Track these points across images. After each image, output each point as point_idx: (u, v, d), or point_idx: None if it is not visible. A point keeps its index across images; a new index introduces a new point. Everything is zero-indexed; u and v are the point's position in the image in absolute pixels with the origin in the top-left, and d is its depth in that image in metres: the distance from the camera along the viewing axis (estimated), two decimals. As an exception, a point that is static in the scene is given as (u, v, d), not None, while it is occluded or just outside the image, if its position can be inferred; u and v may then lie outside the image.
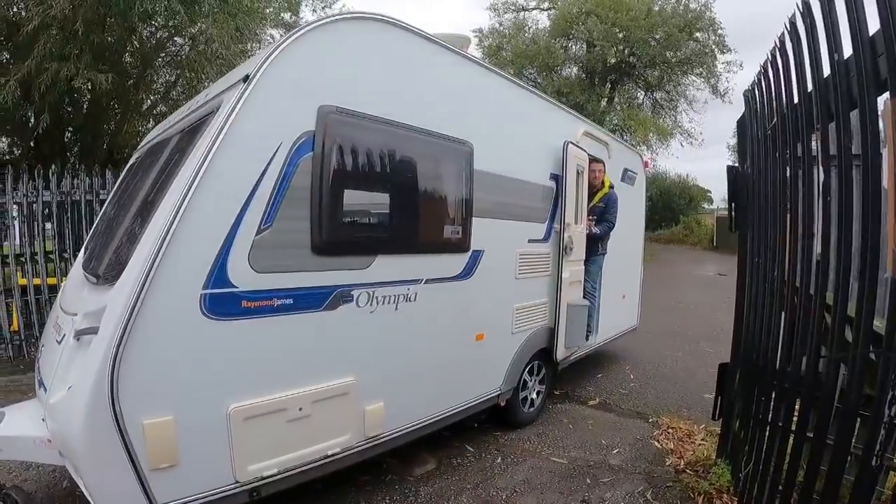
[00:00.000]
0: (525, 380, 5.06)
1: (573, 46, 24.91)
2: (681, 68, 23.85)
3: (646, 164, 7.68)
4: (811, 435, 2.48)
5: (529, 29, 25.37)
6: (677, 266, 19.91)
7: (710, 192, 35.04)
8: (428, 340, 3.86)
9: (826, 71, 2.48)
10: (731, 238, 18.96)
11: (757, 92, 3.66)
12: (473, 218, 4.07)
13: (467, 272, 4.10)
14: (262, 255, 2.74)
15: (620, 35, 22.53)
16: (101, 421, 2.29)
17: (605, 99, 24.94)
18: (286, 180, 2.82)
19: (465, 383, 4.28)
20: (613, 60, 23.94)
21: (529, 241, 4.80)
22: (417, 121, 3.58)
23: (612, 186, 6.00)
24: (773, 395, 3.03)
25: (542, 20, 25.39)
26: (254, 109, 2.69)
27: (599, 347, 6.82)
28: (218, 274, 2.60)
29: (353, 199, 3.27)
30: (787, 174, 3.05)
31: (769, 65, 3.29)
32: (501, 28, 25.41)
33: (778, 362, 3.02)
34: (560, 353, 5.21)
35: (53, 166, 7.38)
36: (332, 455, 3.17)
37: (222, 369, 2.66)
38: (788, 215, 2.98)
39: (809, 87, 2.66)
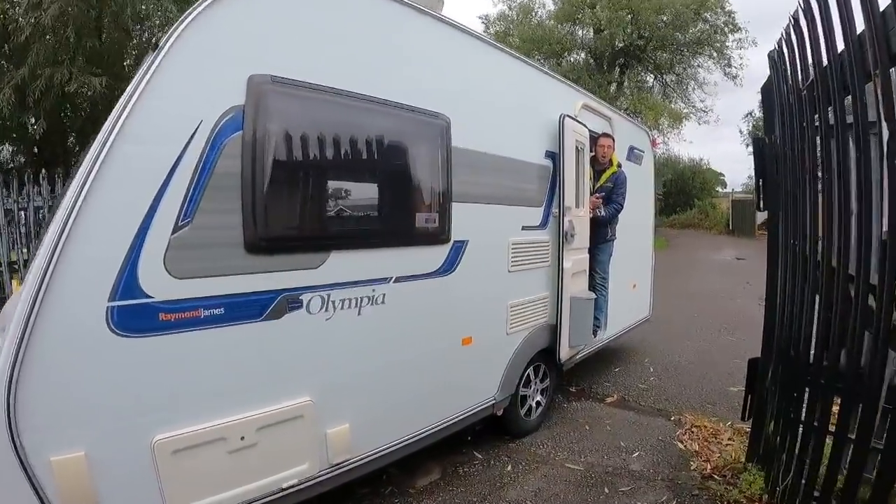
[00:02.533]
0: (525, 384, 4.41)
1: (580, 31, 24.01)
2: (690, 49, 22.92)
3: (654, 143, 6.94)
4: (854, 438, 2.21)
5: (536, 13, 24.48)
6: (694, 251, 19.16)
7: (723, 175, 34.13)
8: (401, 349, 3.24)
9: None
10: (748, 222, 18.48)
11: (786, 49, 3.06)
12: (453, 203, 3.44)
13: (448, 267, 3.46)
14: (182, 256, 2.25)
15: (628, 17, 21.61)
16: (1, 458, 1.92)
17: (615, 84, 24.02)
18: (208, 165, 2.32)
19: (450, 395, 3.66)
20: (622, 44, 23.04)
21: (524, 228, 4.14)
22: (377, 91, 2.97)
23: (620, 165, 5.31)
24: (813, 393, 2.71)
25: (548, 4, 24.48)
26: (166, 83, 2.21)
27: (612, 342, 6.16)
28: (127, 282, 2.13)
29: (298, 185, 2.72)
30: (829, 139, 2.39)
31: (802, 13, 2.69)
32: (509, 13, 24.52)
33: (823, 357, 2.61)
34: (564, 353, 4.53)
35: (46, 171, 7.11)
36: (289, 488, 2.68)
37: (142, 394, 2.21)
38: (833, 189, 2.35)
39: (860, 26, 2.10)
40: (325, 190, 2.84)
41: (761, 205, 3.38)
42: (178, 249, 2.24)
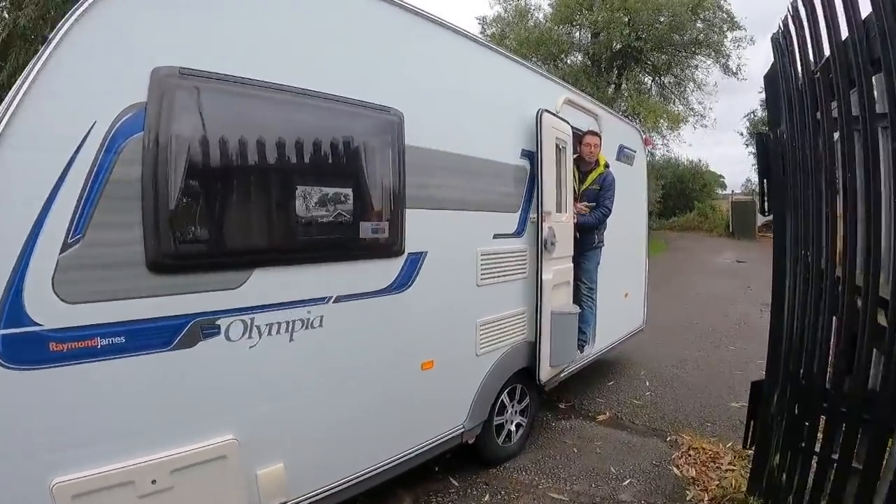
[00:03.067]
0: (501, 409, 3.92)
1: (577, 33, 23.52)
2: (688, 50, 22.32)
3: (647, 142, 6.43)
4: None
5: (532, 15, 23.97)
6: (693, 254, 18.63)
7: (723, 177, 33.66)
8: (345, 378, 2.78)
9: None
10: (749, 224, 17.93)
11: (794, 27, 2.62)
12: (408, 210, 2.97)
13: (403, 282, 2.99)
14: (73, 278, 1.95)
15: (625, 19, 21.10)
16: None
17: (613, 85, 23.50)
18: (102, 172, 1.99)
19: (409, 426, 3.19)
20: (619, 46, 22.53)
21: (496, 236, 3.66)
22: (311, 82, 2.53)
23: (607, 166, 4.81)
24: (831, 423, 2.43)
25: (544, 7, 23.97)
26: (54, 80, 1.91)
27: (604, 355, 5.65)
28: (11, 308, 1.84)
29: (212, 193, 2.30)
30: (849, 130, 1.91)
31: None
32: (505, 15, 24.00)
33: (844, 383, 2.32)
34: (545, 373, 4.04)
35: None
36: (215, 535, 2.28)
37: (35, 433, 1.94)
38: (858, 191, 1.88)
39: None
40: (246, 198, 2.41)
41: (765, 208, 2.88)
42: (68, 270, 1.92)
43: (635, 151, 5.94)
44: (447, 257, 3.25)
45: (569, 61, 23.54)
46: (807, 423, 2.63)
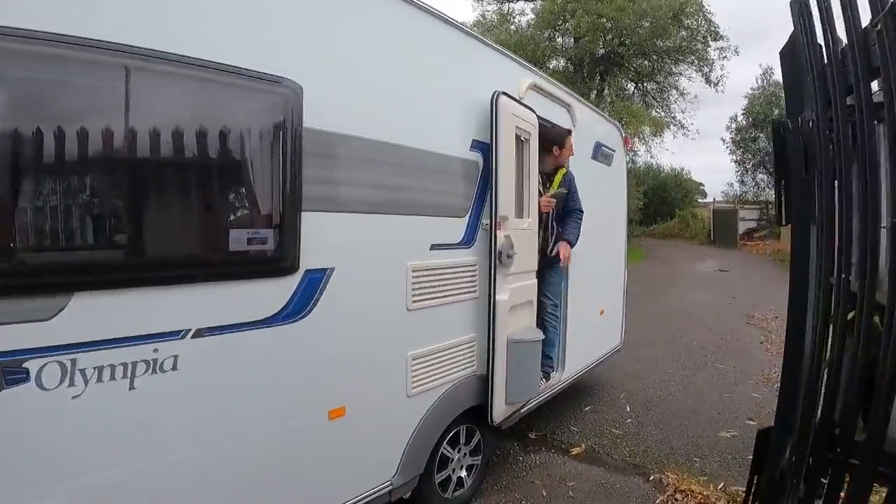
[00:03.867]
0: (445, 456, 3.17)
1: (560, 38, 22.93)
2: (671, 57, 21.91)
3: (626, 142, 5.71)
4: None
5: (514, 19, 23.39)
6: (674, 263, 18.01)
7: (703, 185, 33.17)
8: (216, 436, 2.03)
9: None
10: (730, 232, 17.37)
11: None
12: (306, 214, 2.22)
13: (298, 309, 2.23)
14: None
15: (608, 25, 20.53)
16: None
17: (595, 91, 22.91)
18: None
19: (314, 490, 2.43)
20: (602, 51, 21.98)
21: (434, 247, 2.90)
22: (159, 41, 1.78)
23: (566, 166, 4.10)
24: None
25: (526, 10, 23.38)
26: None
27: (577, 379, 4.89)
28: None
29: (12, 192, 1.59)
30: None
31: None
32: (485, 21, 23.32)
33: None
34: (499, 412, 3.28)
35: None
36: None
37: None
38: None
39: None
40: (61, 198, 1.68)
41: (783, 218, 2.14)
42: None
43: (614, 151, 5.21)
44: (364, 275, 2.50)
45: (551, 66, 22.91)
46: (833, 482, 2.02)
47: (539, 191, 3.81)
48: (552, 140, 3.84)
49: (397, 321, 2.72)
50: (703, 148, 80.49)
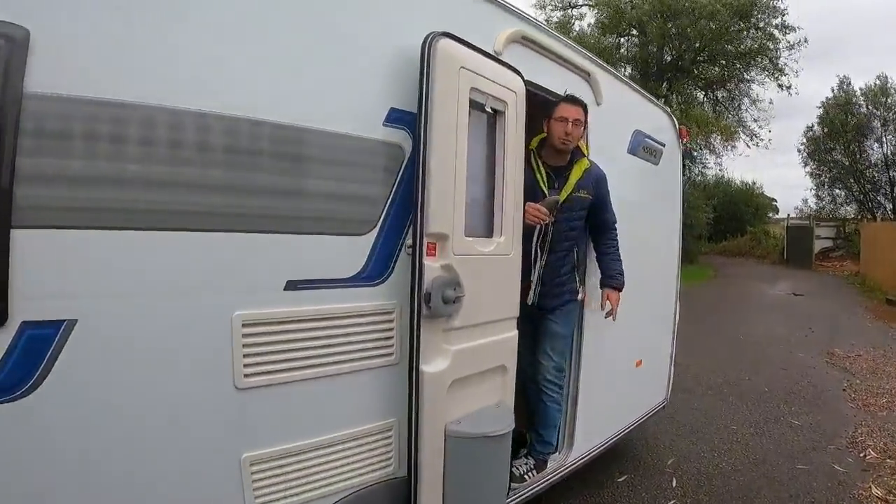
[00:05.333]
0: None
1: (625, 43, 21.11)
2: (742, 61, 19.78)
3: (682, 134, 4.11)
4: None
5: (577, 24, 21.89)
6: (743, 284, 15.87)
7: (775, 200, 30.21)
8: None
9: None
10: (805, 251, 15.15)
11: None
12: (24, 231, 1.19)
13: (10, 384, 1.16)
14: None
15: (673, 30, 18.59)
16: None
17: (662, 99, 20.92)
18: None
19: None
20: (669, 58, 20.01)
21: (298, 285, 1.62)
22: None
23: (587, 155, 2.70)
24: None
25: (589, 16, 21.84)
26: None
27: (594, 455, 3.42)
28: None
29: None
30: None
31: None
32: (548, 26, 21.81)
33: None
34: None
35: None
36: None
37: None
38: None
39: None
40: None
41: None
42: None
43: (664, 146, 3.69)
44: (138, 331, 1.38)
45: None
46: None
47: (543, 192, 2.46)
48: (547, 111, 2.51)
49: (215, 407, 1.50)
50: (775, 162, 76.21)
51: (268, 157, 1.56)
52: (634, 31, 19.98)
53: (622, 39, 21.14)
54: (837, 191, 23.85)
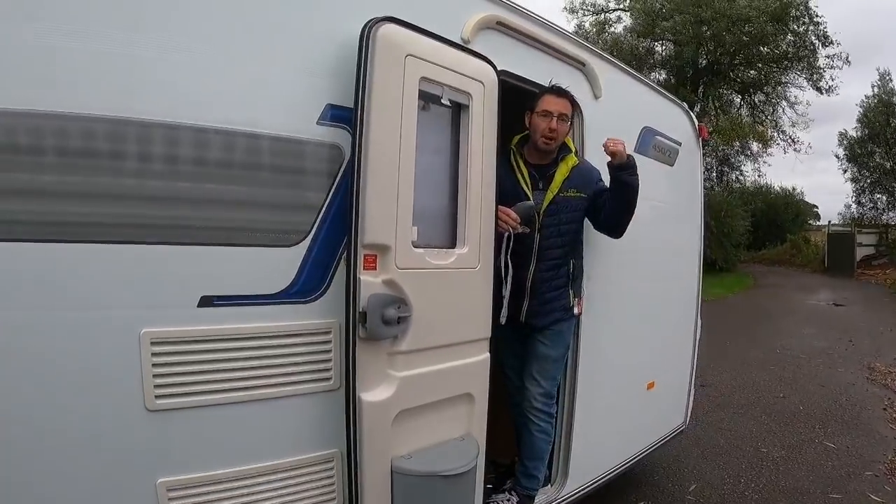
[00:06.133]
0: None
1: (658, 47, 20.40)
2: (779, 65, 18.89)
3: (702, 132, 3.71)
4: None
5: (611, 27, 21.22)
6: (782, 293, 15.02)
7: (817, 207, 29.13)
8: None
9: None
10: (846, 259, 14.25)
11: None
12: None
13: None
14: None
15: (708, 33, 17.85)
16: None
17: (699, 104, 20.12)
18: None
19: None
20: (704, 61, 19.25)
21: (215, 301, 1.43)
22: None
23: (577, 152, 2.38)
24: None
25: (624, 19, 21.15)
26: None
27: (598, 486, 3.06)
28: None
29: None
30: None
31: None
32: (582, 31, 21.23)
33: None
34: None
35: None
36: None
37: None
38: None
39: None
40: None
41: None
42: None
43: (679, 145, 3.31)
44: (44, 344, 1.26)
45: (650, 77, 20.53)
46: None
47: (526, 194, 2.19)
48: (528, 104, 2.23)
49: (126, 427, 1.36)
50: (815, 167, 72.91)
51: (181, 164, 1.38)
52: (668, 35, 19.35)
53: (655, 44, 20.45)
54: (879, 196, 22.33)
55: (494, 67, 1.90)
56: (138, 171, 1.33)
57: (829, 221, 24.22)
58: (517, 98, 2.18)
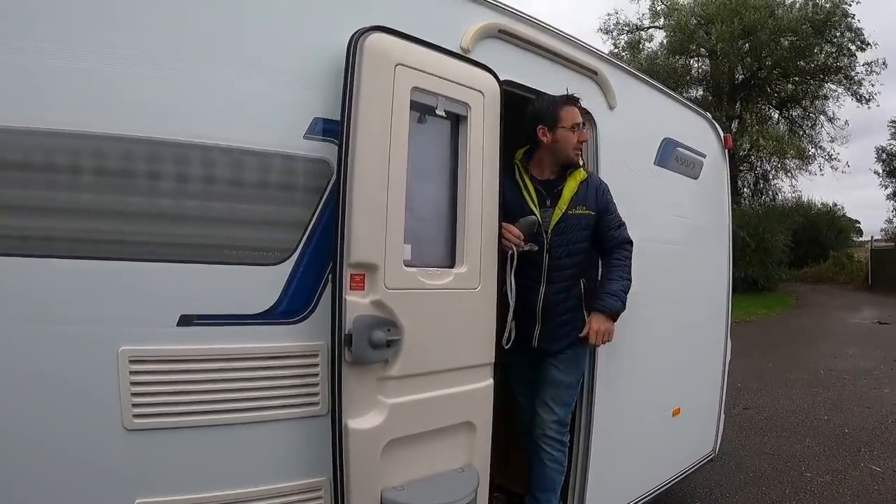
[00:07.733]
0: None
1: (695, 64, 19.89)
2: (817, 77, 18.30)
3: (727, 142, 3.49)
4: None
5: (645, 45, 20.86)
6: (825, 312, 14.31)
7: (859, 222, 27.90)
8: None
9: None
10: (890, 275, 13.42)
11: None
12: None
13: None
14: None
15: (746, 46, 17.28)
16: None
17: (737, 119, 19.46)
18: None
19: None
20: (742, 76, 18.65)
21: (195, 320, 1.36)
22: None
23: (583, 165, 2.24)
24: None
25: (658, 36, 20.80)
26: None
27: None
28: None
29: None
30: None
31: None
32: (616, 51, 20.94)
33: None
34: None
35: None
36: None
37: None
38: None
39: None
40: None
41: None
42: None
43: (704, 157, 3.12)
44: (22, 360, 1.22)
45: (687, 95, 20.04)
46: None
47: (533, 212, 2.06)
48: (538, 117, 2.06)
49: (103, 446, 1.30)
50: (857, 182, 69.53)
51: (162, 180, 1.33)
52: (703, 51, 18.87)
53: (691, 61, 19.97)
54: (919, 209, 21.34)
55: (496, 77, 1.79)
56: (119, 187, 1.28)
57: (872, 237, 23.04)
58: (518, 107, 2.07)
